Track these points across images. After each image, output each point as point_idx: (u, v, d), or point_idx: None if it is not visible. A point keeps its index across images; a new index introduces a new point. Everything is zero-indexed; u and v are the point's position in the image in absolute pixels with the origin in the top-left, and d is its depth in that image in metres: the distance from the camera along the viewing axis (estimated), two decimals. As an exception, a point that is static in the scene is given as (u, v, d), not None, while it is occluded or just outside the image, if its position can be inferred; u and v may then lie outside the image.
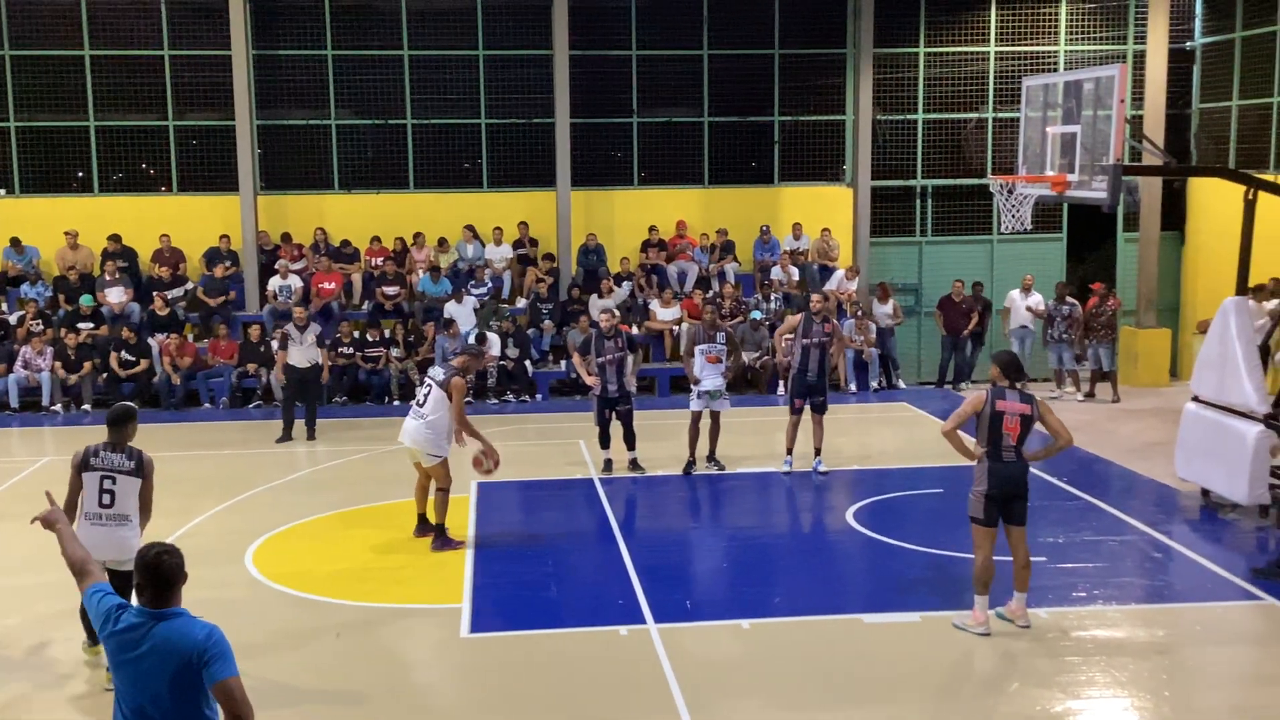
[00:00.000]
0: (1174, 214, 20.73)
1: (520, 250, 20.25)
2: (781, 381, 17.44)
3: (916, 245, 21.22)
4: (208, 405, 18.14)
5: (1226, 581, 10.04)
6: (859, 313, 19.20)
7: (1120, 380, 18.67)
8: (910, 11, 20.59)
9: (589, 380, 13.68)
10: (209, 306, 19.12)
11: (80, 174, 20.10)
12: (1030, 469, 8.90)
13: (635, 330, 18.65)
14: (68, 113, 19.84)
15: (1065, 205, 19.65)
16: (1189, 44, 20.71)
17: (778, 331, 14.59)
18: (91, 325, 18.42)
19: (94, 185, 20.03)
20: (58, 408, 17.60)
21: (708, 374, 13.63)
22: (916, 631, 8.92)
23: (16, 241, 19.38)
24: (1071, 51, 20.70)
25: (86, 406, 17.66)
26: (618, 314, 14.33)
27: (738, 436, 14.93)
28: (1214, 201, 19.38)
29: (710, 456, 13.94)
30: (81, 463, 7.81)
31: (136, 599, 4.74)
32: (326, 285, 19.17)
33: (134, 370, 17.86)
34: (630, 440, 13.84)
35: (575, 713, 7.69)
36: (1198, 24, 20.69)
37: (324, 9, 19.93)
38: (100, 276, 19.05)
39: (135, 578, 4.71)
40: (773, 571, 10.59)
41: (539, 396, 18.66)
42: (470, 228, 20.13)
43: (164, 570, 4.67)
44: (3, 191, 19.82)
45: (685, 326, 18.63)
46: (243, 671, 4.64)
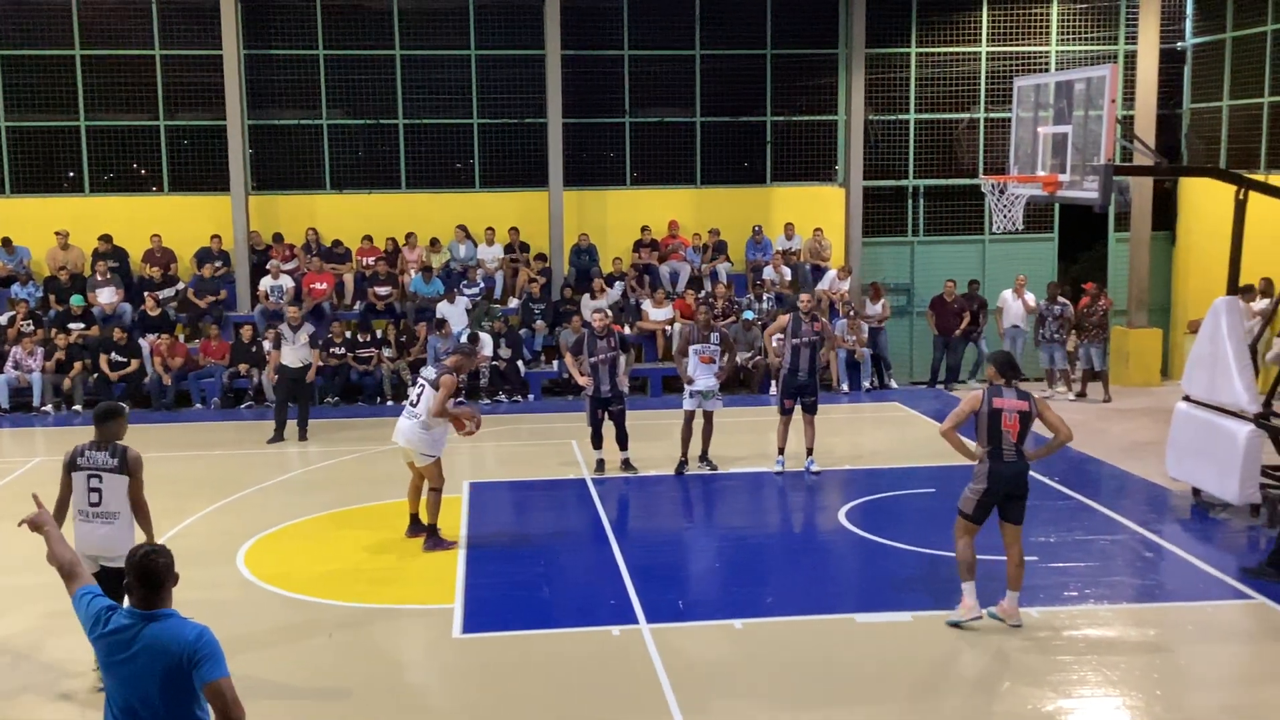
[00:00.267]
0: (1165, 214, 20.77)
1: (511, 255, 20.25)
2: (774, 381, 17.45)
3: (908, 245, 21.25)
4: (199, 406, 18.11)
5: (1217, 581, 10.07)
6: (851, 312, 19.21)
7: (1111, 380, 18.69)
8: (902, 12, 20.63)
9: (581, 380, 13.67)
10: (199, 307, 19.09)
11: (71, 174, 20.06)
12: (1030, 469, 8.92)
13: (628, 330, 18.65)
14: (58, 112, 19.79)
15: (1057, 205, 19.69)
16: (1180, 44, 20.75)
17: (767, 331, 14.60)
18: (82, 326, 18.36)
19: (85, 185, 19.99)
20: (48, 408, 17.55)
21: (701, 374, 13.62)
22: (908, 631, 8.93)
23: (7, 241, 19.34)
24: (1063, 52, 20.75)
25: (77, 407, 17.60)
26: (610, 314, 14.32)
27: (730, 436, 14.94)
28: (1205, 202, 19.43)
29: (703, 457, 13.94)
30: (70, 462, 7.86)
31: (127, 599, 4.73)
32: (318, 286, 19.14)
33: (125, 371, 17.82)
34: (623, 440, 13.84)
35: (567, 713, 7.69)
36: (1188, 24, 20.75)
37: (315, 9, 19.90)
38: (91, 276, 19.00)
39: (125, 577, 4.71)
40: (765, 571, 10.60)
41: (531, 397, 18.65)
42: (462, 228, 20.12)
43: (153, 570, 4.66)
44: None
45: (678, 326, 18.64)
46: (234, 672, 4.64)
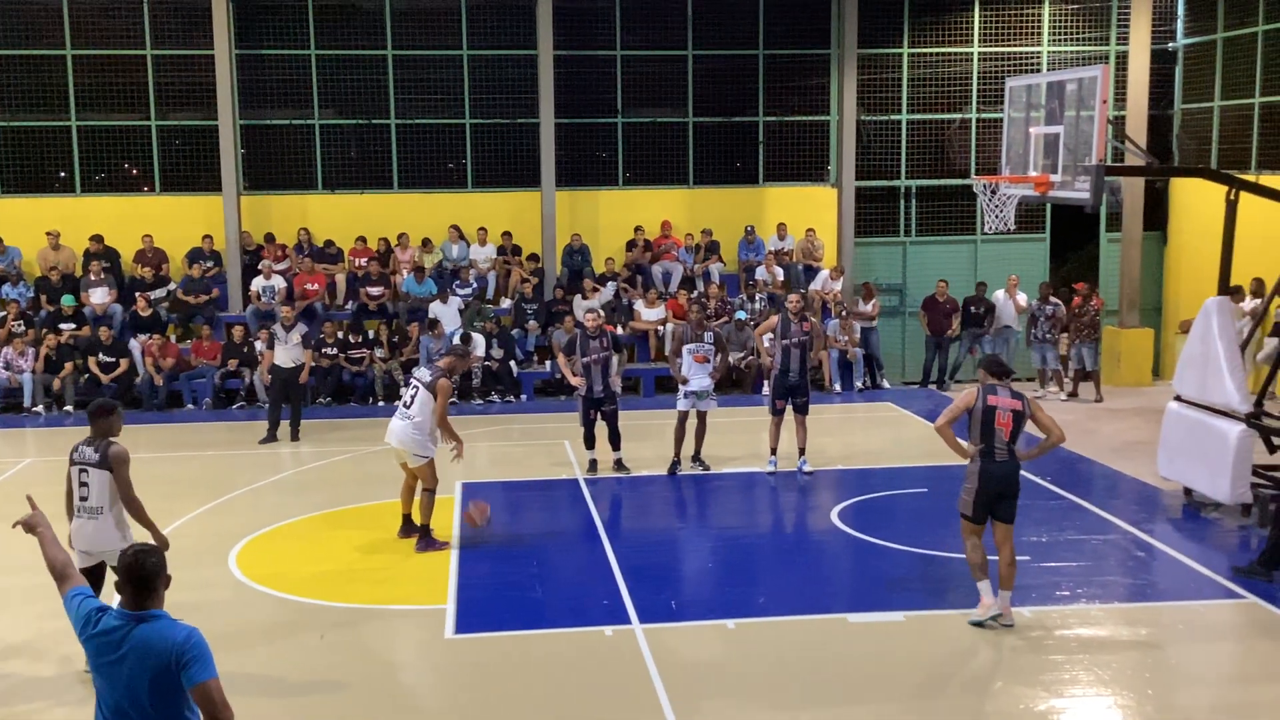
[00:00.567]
0: (1156, 214, 20.82)
1: (503, 255, 20.24)
2: (766, 382, 17.44)
3: (900, 245, 21.27)
4: (190, 406, 18.07)
5: (1209, 580, 10.09)
6: (844, 312, 19.22)
7: (1103, 380, 18.74)
8: (894, 12, 20.64)
9: (574, 381, 13.66)
10: (190, 307, 19.04)
11: (62, 174, 20.00)
12: (1022, 469, 8.93)
13: (620, 331, 18.65)
14: (49, 112, 19.74)
15: (1048, 205, 19.71)
16: (1171, 45, 20.80)
17: (757, 332, 14.59)
18: (73, 326, 18.32)
19: (76, 185, 19.93)
20: (39, 409, 17.51)
21: (695, 374, 13.62)
22: (901, 631, 8.94)
23: (-2, 241, 19.32)
24: (1054, 52, 20.78)
25: (69, 408, 17.56)
26: (602, 314, 14.32)
27: (723, 437, 14.94)
28: (1196, 202, 19.47)
29: (695, 457, 13.94)
30: (69, 458, 8.10)
31: (118, 600, 4.73)
32: (310, 286, 19.11)
33: (116, 373, 17.76)
34: (615, 440, 13.83)
35: (560, 713, 7.68)
36: (1180, 25, 20.79)
37: (307, 9, 19.86)
38: (84, 276, 18.95)
39: (117, 577, 4.70)
40: (757, 571, 10.60)
41: (524, 397, 18.64)
42: (455, 228, 20.10)
43: (142, 571, 4.65)
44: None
45: (671, 327, 18.62)
46: (226, 673, 4.63)
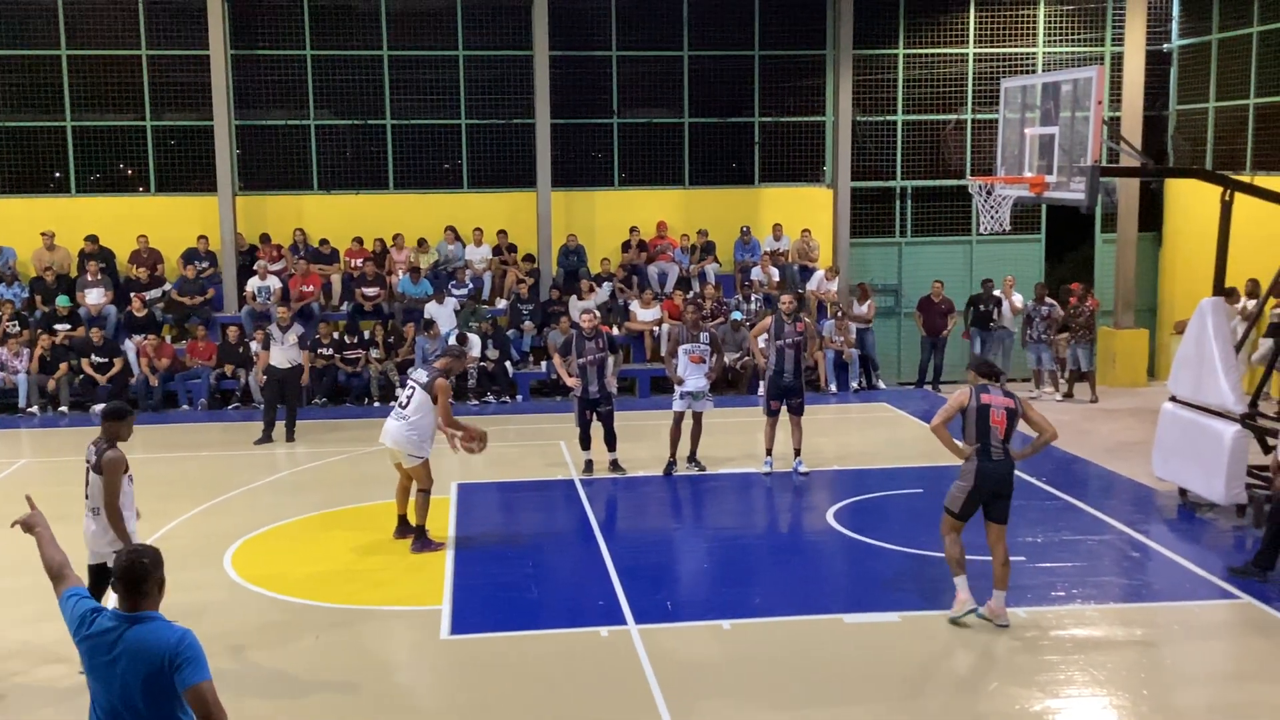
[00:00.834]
0: (1151, 215, 20.83)
1: (499, 255, 20.22)
2: (761, 383, 17.45)
3: (896, 246, 21.28)
4: (186, 407, 18.05)
5: (1204, 580, 10.11)
6: (839, 313, 19.23)
7: (1098, 380, 18.75)
8: (889, 13, 20.65)
9: (569, 381, 13.65)
10: (185, 307, 19.02)
11: (57, 174, 19.96)
12: (1015, 468, 8.95)
13: (616, 331, 18.64)
14: (44, 113, 19.70)
15: (1044, 206, 19.72)
16: (1166, 46, 20.82)
17: (752, 333, 14.60)
18: (68, 326, 18.29)
19: (71, 186, 19.89)
20: (34, 409, 17.47)
21: (691, 374, 13.62)
22: (896, 631, 8.94)
23: (-8, 242, 19.28)
24: (1050, 53, 20.80)
25: (63, 408, 17.51)
26: (598, 315, 14.32)
27: (719, 437, 14.94)
28: (1191, 203, 19.49)
29: (691, 457, 13.94)
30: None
31: (113, 600, 4.72)
32: (306, 288, 19.09)
33: (111, 373, 17.74)
34: (611, 441, 13.83)
35: (556, 714, 7.68)
36: (1175, 26, 20.81)
37: (303, 9, 19.84)
38: (80, 277, 18.91)
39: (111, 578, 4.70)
40: (753, 572, 10.60)
41: (519, 398, 18.63)
42: (451, 228, 20.09)
43: (135, 571, 4.65)
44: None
45: (666, 327, 18.61)
46: (221, 673, 4.63)
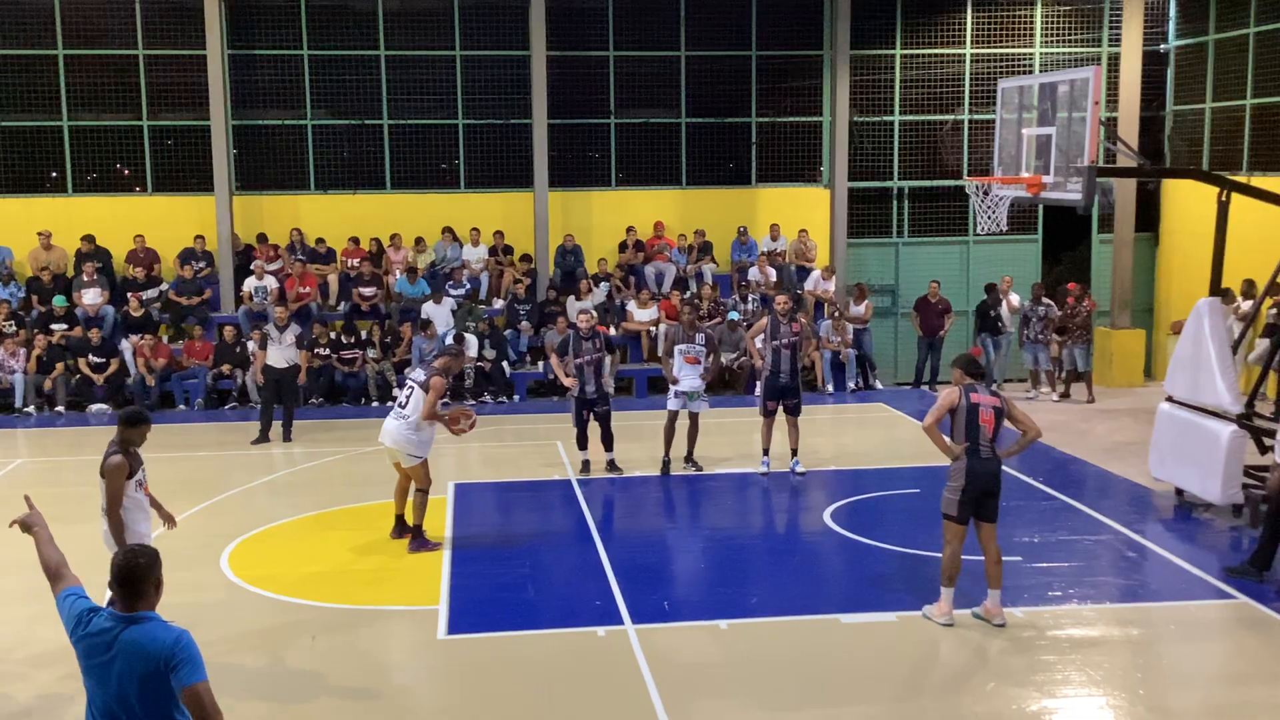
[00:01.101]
0: (1148, 215, 20.85)
1: (496, 256, 20.22)
2: (758, 383, 17.44)
3: (893, 246, 21.28)
4: (182, 407, 18.03)
5: (1200, 580, 10.12)
6: (836, 313, 19.23)
7: (1095, 380, 18.77)
8: (887, 13, 20.65)
9: (566, 381, 13.65)
10: (182, 307, 19.01)
11: (54, 174, 19.93)
12: (1004, 466, 8.99)
13: (613, 331, 18.64)
14: (41, 112, 19.67)
15: (1040, 207, 19.74)
16: (1163, 46, 20.83)
17: (749, 334, 14.60)
18: (65, 326, 18.27)
19: (68, 185, 19.87)
20: (30, 409, 17.46)
21: (686, 374, 13.63)
22: (893, 631, 8.95)
23: (-11, 242, 19.26)
24: (1047, 54, 20.80)
25: (60, 408, 17.50)
26: (595, 315, 14.31)
27: (716, 437, 14.95)
28: (1188, 203, 19.51)
29: (688, 457, 13.94)
30: None
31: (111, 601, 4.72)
32: (303, 288, 19.07)
33: (107, 373, 17.72)
34: (608, 441, 13.83)
35: (552, 714, 7.68)
36: (1171, 27, 20.83)
37: (300, 9, 19.83)
38: (76, 277, 18.90)
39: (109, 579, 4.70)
40: (750, 572, 10.60)
41: (516, 398, 18.62)
42: (448, 229, 20.08)
43: (131, 572, 4.64)
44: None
45: (663, 327, 18.62)
46: (217, 675, 4.62)
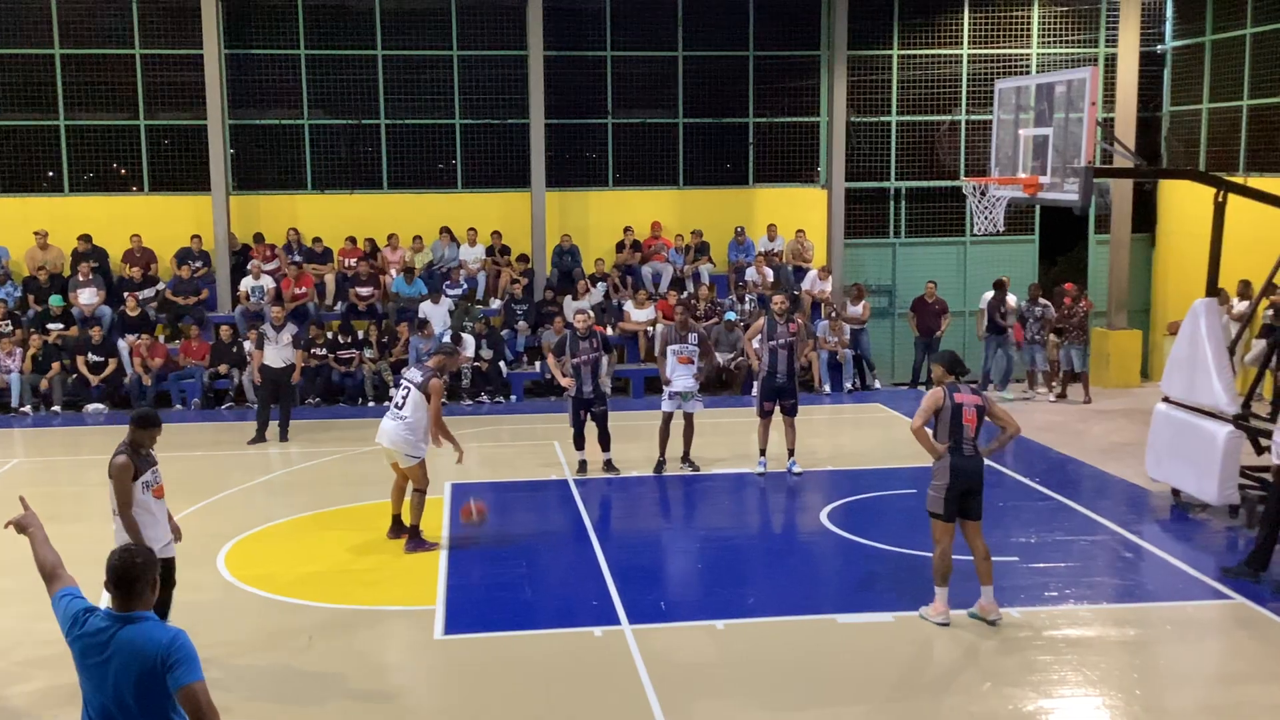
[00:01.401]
0: (1145, 216, 20.87)
1: (493, 256, 20.21)
2: (755, 383, 17.44)
3: (890, 247, 21.29)
4: (179, 406, 18.01)
5: (1197, 581, 10.13)
6: (833, 313, 19.24)
7: (1091, 381, 18.78)
8: (884, 14, 20.66)
9: (563, 381, 13.65)
10: (179, 307, 18.99)
11: (50, 173, 19.91)
12: (985, 463, 9.07)
13: (610, 331, 18.64)
14: (37, 112, 19.65)
15: (1037, 207, 19.75)
16: (1160, 47, 20.86)
17: (746, 335, 14.61)
18: (61, 326, 18.25)
19: (64, 185, 19.85)
20: (27, 409, 17.43)
21: (679, 375, 13.63)
22: (890, 631, 8.95)
23: (-15, 241, 19.23)
24: (1044, 54, 20.82)
25: (56, 408, 17.47)
26: (592, 315, 14.31)
27: (712, 438, 14.95)
28: (1184, 204, 19.52)
29: (685, 458, 13.94)
30: None
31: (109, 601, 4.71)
32: (299, 288, 19.05)
33: (104, 373, 17.70)
34: (605, 441, 13.83)
35: (549, 714, 7.68)
36: (1168, 27, 20.85)
37: (297, 8, 19.81)
38: (73, 277, 18.87)
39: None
40: (747, 572, 10.61)
41: (513, 398, 18.62)
42: (445, 229, 20.07)
43: (127, 571, 4.63)
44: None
45: (659, 328, 18.62)
46: (213, 675, 4.63)
